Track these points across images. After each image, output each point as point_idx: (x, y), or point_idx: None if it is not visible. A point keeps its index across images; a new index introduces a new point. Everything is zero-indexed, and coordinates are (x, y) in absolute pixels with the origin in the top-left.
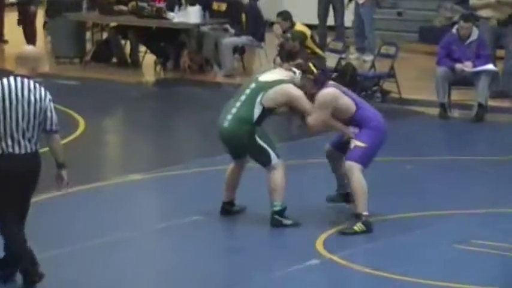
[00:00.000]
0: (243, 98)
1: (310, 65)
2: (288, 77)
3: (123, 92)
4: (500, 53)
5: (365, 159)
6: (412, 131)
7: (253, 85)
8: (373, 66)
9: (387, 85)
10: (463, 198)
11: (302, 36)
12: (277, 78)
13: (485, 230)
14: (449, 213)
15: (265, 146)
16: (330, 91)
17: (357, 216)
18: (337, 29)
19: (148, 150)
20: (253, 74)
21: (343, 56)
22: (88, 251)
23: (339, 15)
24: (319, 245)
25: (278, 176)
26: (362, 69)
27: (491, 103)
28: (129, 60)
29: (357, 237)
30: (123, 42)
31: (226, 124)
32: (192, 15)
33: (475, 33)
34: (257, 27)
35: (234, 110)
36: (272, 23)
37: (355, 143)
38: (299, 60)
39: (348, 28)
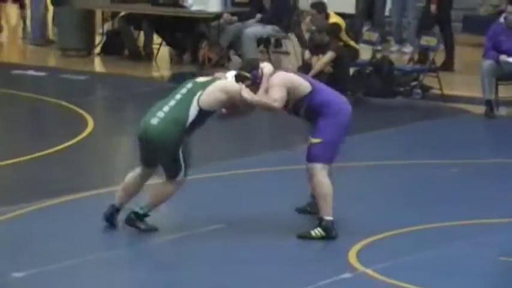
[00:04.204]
0: (178, 97)
1: (242, 72)
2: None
3: (136, 88)
4: None
5: (326, 155)
6: (455, 131)
7: (189, 85)
8: (412, 59)
9: (428, 80)
10: None
11: (330, 28)
12: (213, 78)
13: None
14: (497, 222)
15: (181, 160)
16: (279, 74)
17: (319, 221)
18: (375, 16)
19: None
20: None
21: (379, 47)
22: (91, 264)
23: (380, 6)
24: (351, 257)
25: (168, 191)
26: (401, 62)
27: None
28: (142, 53)
29: (395, 249)
30: (136, 32)
31: (155, 121)
32: (211, 3)
33: None
34: (282, 15)
35: (166, 109)
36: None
37: (310, 140)
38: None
39: (387, 17)
